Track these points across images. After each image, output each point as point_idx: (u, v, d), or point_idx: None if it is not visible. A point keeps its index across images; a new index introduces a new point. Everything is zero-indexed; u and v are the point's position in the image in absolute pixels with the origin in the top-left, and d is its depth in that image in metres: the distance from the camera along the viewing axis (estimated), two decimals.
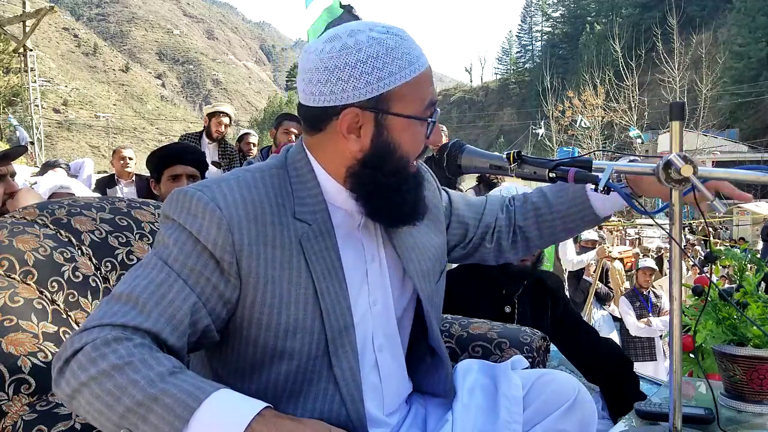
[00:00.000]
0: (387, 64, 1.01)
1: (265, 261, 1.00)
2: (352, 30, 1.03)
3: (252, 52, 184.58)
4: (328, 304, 1.03)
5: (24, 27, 19.17)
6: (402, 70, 1.02)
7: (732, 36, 48.57)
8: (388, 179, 1.05)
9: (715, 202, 1.04)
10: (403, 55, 1.03)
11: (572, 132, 34.32)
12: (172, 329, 0.92)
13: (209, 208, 0.98)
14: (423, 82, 1.05)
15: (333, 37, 1.03)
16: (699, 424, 1.27)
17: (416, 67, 1.04)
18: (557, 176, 1.12)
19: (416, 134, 1.06)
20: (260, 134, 22.74)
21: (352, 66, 1.01)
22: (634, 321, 5.32)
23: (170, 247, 0.98)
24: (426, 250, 1.21)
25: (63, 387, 0.86)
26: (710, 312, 1.40)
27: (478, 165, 1.20)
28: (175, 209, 1.01)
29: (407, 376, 1.24)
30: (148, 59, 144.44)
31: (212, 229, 0.97)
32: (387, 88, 1.02)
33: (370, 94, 1.01)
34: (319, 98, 1.03)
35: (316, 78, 1.03)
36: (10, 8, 50.18)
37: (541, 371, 1.25)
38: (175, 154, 2.59)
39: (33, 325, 1.08)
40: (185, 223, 0.98)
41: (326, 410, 1.04)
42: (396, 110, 1.03)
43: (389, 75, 1.01)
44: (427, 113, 1.06)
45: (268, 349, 1.02)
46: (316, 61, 1.03)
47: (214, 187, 1.01)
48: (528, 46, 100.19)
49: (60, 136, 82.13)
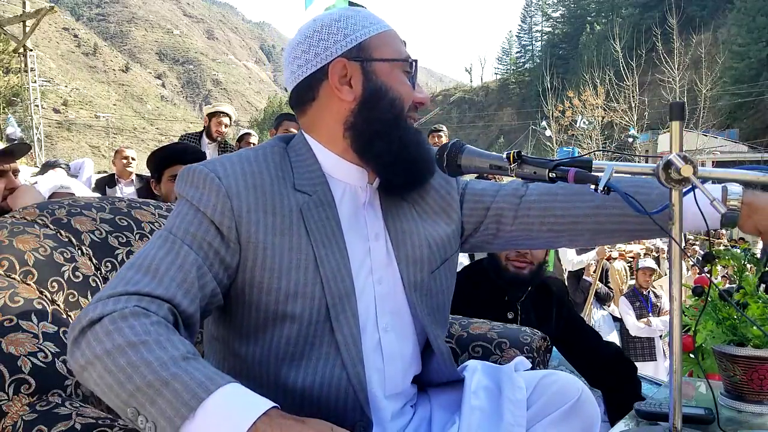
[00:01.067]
0: (359, 20, 1.13)
1: (264, 227, 1.04)
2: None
3: (252, 52, 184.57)
4: (328, 270, 1.06)
5: (24, 27, 19.15)
6: (372, 24, 1.14)
7: (732, 36, 48.54)
8: (386, 116, 1.11)
9: (715, 202, 1.04)
10: (369, 15, 1.16)
11: (572, 132, 34.31)
12: (184, 293, 0.95)
13: (209, 177, 1.04)
14: (394, 37, 1.16)
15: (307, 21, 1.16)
16: (699, 424, 1.27)
17: (383, 25, 1.16)
18: (557, 176, 1.12)
19: (402, 77, 1.14)
20: (260, 134, 22.74)
21: (329, 25, 1.12)
22: (634, 321, 5.32)
23: (173, 219, 1.04)
24: (424, 239, 1.20)
25: (77, 357, 0.87)
26: (710, 312, 1.40)
27: (478, 165, 1.20)
28: (181, 185, 1.08)
29: (418, 360, 1.24)
30: (148, 59, 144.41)
31: (211, 196, 1.03)
32: (364, 38, 1.12)
33: (350, 44, 1.11)
34: (305, 68, 1.12)
35: (300, 51, 1.13)
36: (10, 8, 50.17)
37: (545, 372, 1.25)
38: (175, 154, 2.59)
39: (33, 325, 1.08)
40: (187, 195, 1.05)
41: (327, 374, 1.07)
42: (378, 56, 1.12)
43: (362, 27, 1.12)
44: (405, 58, 1.14)
45: (270, 312, 1.05)
46: (295, 41, 1.15)
47: (216, 162, 1.09)
48: (528, 46, 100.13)
49: (60, 136, 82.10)
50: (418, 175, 1.16)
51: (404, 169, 1.13)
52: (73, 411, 0.97)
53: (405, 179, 1.15)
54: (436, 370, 1.25)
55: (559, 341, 2.28)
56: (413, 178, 1.16)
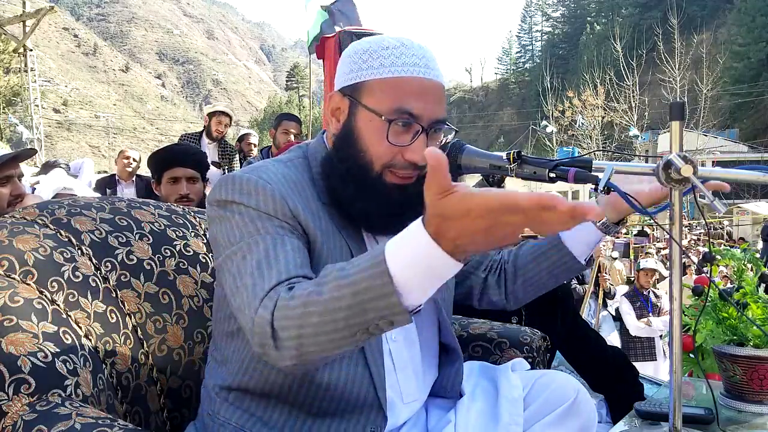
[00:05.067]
0: (373, 59, 1.08)
1: (314, 225, 1.07)
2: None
3: (252, 52, 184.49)
4: None
5: (24, 27, 19.14)
6: (384, 67, 1.07)
7: (732, 36, 48.55)
8: (350, 163, 1.09)
9: (715, 202, 1.04)
10: (394, 56, 1.07)
11: (572, 132, 34.30)
12: (305, 269, 0.99)
13: (260, 184, 1.05)
14: (403, 87, 1.06)
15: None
16: (699, 424, 1.27)
17: (402, 70, 1.07)
18: (557, 176, 1.12)
19: (376, 130, 1.07)
20: (260, 134, 22.73)
21: (349, 56, 1.12)
22: (634, 321, 5.32)
23: (246, 225, 1.03)
24: None
25: (287, 343, 0.88)
26: (710, 312, 1.40)
27: (478, 165, 1.20)
28: (228, 193, 1.06)
29: (432, 368, 1.26)
30: (148, 59, 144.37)
31: (269, 200, 1.04)
32: (363, 79, 1.08)
33: (349, 81, 1.10)
34: (335, 85, 1.15)
35: (338, 68, 1.15)
36: (10, 8, 50.17)
37: (542, 372, 1.26)
38: (174, 156, 2.57)
39: (33, 325, 1.08)
40: (243, 201, 1.04)
41: (351, 371, 1.09)
42: (364, 101, 1.08)
43: (369, 68, 1.08)
44: (391, 115, 1.06)
45: None
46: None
47: (254, 169, 1.09)
48: (528, 46, 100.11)
49: (60, 136, 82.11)
50: (359, 219, 1.12)
51: (377, 222, 1.11)
52: (73, 411, 0.96)
53: (380, 229, 1.13)
54: (445, 378, 1.26)
55: (564, 344, 2.27)
56: (354, 218, 1.12)
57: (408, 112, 1.06)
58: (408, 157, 1.07)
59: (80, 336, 1.16)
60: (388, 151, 1.08)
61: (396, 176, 1.09)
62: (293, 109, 51.76)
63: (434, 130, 1.10)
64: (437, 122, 1.09)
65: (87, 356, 1.12)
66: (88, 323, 1.20)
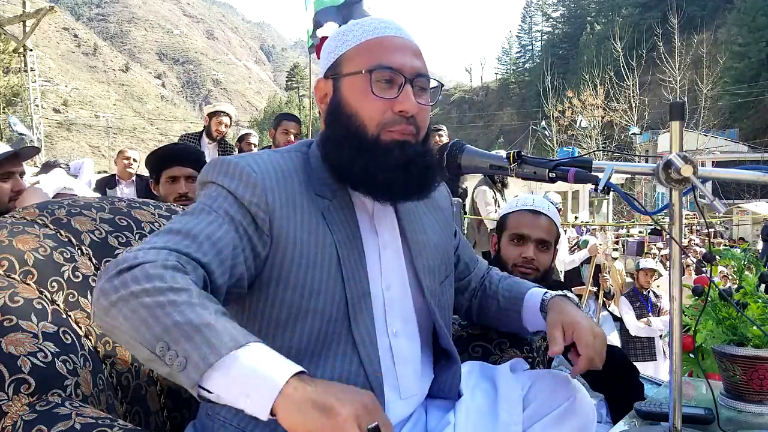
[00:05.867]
0: (346, 35, 1.12)
1: (295, 223, 1.06)
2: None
3: (252, 52, 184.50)
4: (349, 270, 1.09)
5: (24, 27, 19.12)
6: (356, 37, 1.11)
7: (732, 36, 48.51)
8: (341, 132, 1.10)
9: (715, 201, 1.04)
10: (364, 25, 1.13)
11: (572, 132, 34.29)
12: (219, 264, 0.97)
13: (246, 171, 1.06)
14: (377, 46, 1.10)
15: None
16: (699, 424, 1.27)
17: (374, 33, 1.11)
18: (557, 176, 1.12)
19: (360, 89, 1.09)
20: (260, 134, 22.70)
21: (326, 45, 1.16)
22: (634, 321, 5.31)
23: (208, 199, 1.05)
24: (435, 249, 1.25)
25: (109, 293, 0.87)
26: (710, 312, 1.40)
27: (478, 165, 1.21)
28: (214, 173, 1.08)
29: (430, 366, 1.26)
30: (148, 59, 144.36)
31: (248, 188, 1.04)
32: (339, 53, 1.12)
33: (329, 63, 1.14)
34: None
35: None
36: (10, 8, 50.18)
37: (542, 371, 1.26)
38: (172, 155, 2.57)
39: (33, 325, 1.08)
40: (223, 183, 1.06)
41: (345, 371, 1.08)
42: (345, 71, 1.11)
43: (344, 42, 1.12)
44: (371, 68, 1.08)
45: (293, 308, 1.06)
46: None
47: (248, 157, 1.10)
48: (528, 46, 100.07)
49: (60, 136, 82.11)
50: (368, 186, 1.11)
51: (381, 182, 1.09)
52: (73, 411, 0.96)
53: (384, 192, 1.11)
54: (442, 382, 1.26)
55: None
56: (364, 185, 1.11)
57: (387, 67, 1.08)
58: (397, 109, 1.08)
59: (80, 336, 1.16)
60: (377, 108, 1.08)
61: (393, 133, 1.09)
62: (293, 109, 51.80)
63: (420, 88, 1.12)
64: (420, 75, 1.11)
65: (87, 356, 1.12)
66: (88, 323, 1.20)
